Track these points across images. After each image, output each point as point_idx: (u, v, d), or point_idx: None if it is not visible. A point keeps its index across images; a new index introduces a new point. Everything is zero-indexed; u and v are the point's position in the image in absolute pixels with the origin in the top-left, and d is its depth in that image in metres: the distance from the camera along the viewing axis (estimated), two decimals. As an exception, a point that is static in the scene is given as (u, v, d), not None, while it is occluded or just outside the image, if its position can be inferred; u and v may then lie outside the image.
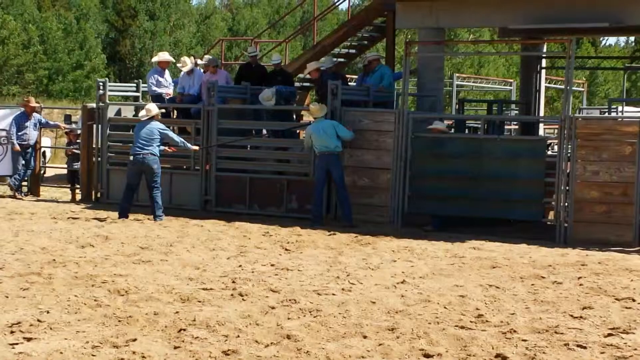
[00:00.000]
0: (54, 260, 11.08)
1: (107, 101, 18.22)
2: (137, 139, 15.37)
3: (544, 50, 22.61)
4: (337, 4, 27.86)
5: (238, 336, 7.62)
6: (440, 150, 15.32)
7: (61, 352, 6.92)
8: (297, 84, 20.40)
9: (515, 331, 7.97)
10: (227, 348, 7.21)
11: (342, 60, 22.02)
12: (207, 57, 19.45)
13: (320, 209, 15.64)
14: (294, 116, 18.81)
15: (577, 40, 17.82)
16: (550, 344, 7.57)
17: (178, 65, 19.10)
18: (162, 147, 15.54)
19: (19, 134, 18.68)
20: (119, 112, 18.53)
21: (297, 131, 18.35)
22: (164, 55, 19.08)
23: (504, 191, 14.72)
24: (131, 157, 15.51)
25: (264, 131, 17.68)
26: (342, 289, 9.77)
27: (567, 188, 14.37)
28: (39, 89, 46.18)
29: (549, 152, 16.05)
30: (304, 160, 16.44)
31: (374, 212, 15.66)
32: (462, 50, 39.53)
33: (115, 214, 15.65)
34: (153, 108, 15.68)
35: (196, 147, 16.45)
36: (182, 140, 15.92)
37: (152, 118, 15.48)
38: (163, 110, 16.79)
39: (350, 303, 9.00)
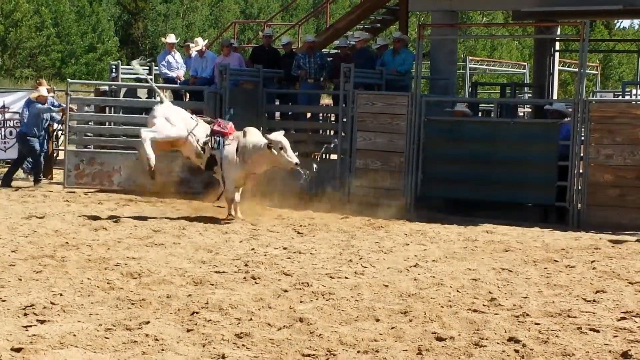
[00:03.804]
0: (67, 243, 11.11)
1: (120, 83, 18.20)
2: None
3: (558, 33, 22.47)
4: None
5: (251, 319, 7.62)
6: (453, 133, 15.26)
7: (74, 335, 6.94)
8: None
9: (528, 315, 7.96)
10: (239, 331, 7.22)
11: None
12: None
13: None
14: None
15: (590, 23, 17.71)
16: (563, 327, 7.55)
17: (190, 45, 19.12)
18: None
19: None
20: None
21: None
22: (169, 38, 19.34)
23: (516, 174, 14.66)
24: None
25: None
26: (355, 272, 9.77)
27: (581, 171, 14.32)
28: (51, 72, 46.17)
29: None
30: None
31: (387, 195, 15.62)
32: (475, 33, 39.34)
33: (126, 197, 15.70)
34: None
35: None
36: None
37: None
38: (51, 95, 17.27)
39: (363, 286, 9.00)
